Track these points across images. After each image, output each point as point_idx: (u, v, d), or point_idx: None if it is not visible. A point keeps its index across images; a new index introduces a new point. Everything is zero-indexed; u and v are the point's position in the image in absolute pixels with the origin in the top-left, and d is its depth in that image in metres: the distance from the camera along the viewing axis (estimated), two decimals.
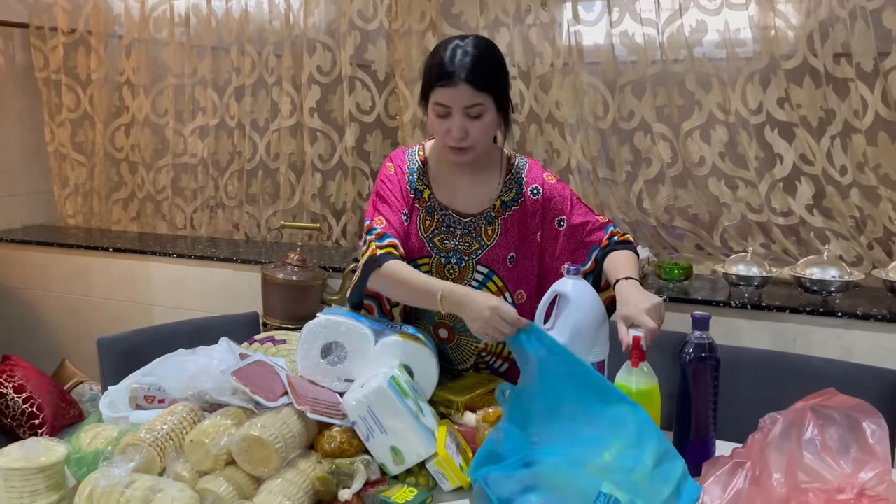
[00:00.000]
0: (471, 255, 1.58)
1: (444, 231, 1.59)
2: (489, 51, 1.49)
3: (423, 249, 1.58)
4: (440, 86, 1.45)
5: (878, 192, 2.30)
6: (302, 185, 3.03)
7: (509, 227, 1.58)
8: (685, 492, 1.19)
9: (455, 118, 1.47)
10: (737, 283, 2.26)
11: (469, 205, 1.59)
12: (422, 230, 1.59)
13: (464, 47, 1.46)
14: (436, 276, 1.59)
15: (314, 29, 2.89)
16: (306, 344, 1.44)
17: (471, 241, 1.58)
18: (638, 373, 1.36)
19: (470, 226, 1.58)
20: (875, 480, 1.12)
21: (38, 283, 3.18)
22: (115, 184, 3.36)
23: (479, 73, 1.45)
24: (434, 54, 1.50)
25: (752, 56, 2.38)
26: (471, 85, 1.44)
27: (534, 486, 1.18)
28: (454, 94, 1.45)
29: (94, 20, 3.19)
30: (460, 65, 1.44)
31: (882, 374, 1.64)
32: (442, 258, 1.58)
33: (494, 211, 1.58)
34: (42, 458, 1.19)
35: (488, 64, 1.48)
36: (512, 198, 1.59)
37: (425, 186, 1.60)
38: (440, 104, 1.47)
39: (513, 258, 1.59)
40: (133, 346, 1.88)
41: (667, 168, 2.53)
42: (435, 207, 1.59)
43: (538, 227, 1.59)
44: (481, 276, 1.58)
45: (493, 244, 1.58)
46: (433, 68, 1.48)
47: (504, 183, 1.60)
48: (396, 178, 1.60)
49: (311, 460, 1.24)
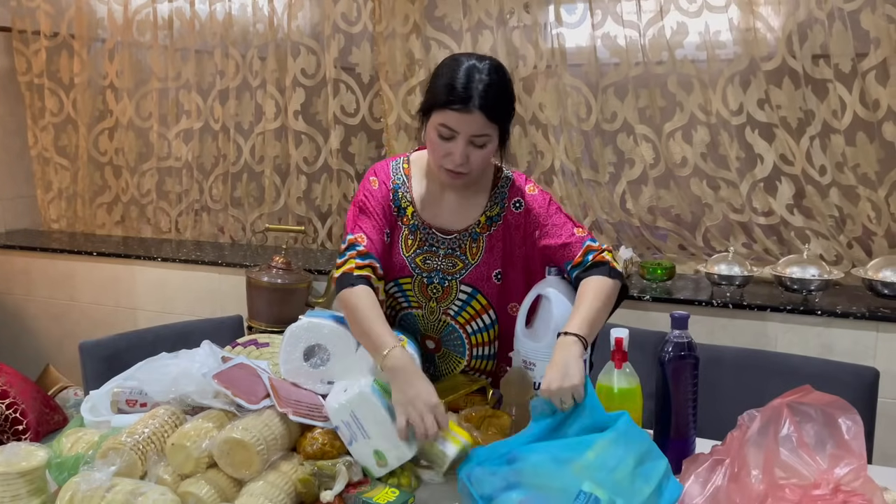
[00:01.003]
0: (454, 274, 1.56)
1: (426, 251, 1.56)
2: (505, 80, 1.44)
3: (405, 269, 1.56)
4: (452, 109, 1.38)
5: (856, 191, 2.33)
6: (287, 188, 3.03)
7: (494, 242, 1.55)
8: (666, 491, 1.20)
9: (459, 144, 1.41)
10: (719, 282, 2.28)
11: (454, 222, 1.56)
12: (403, 249, 1.56)
13: (481, 72, 1.39)
14: (418, 295, 1.57)
15: (298, 32, 2.89)
16: (289, 346, 1.44)
17: (454, 261, 1.55)
18: (620, 373, 1.38)
19: (454, 244, 1.55)
20: (851, 476, 1.13)
21: (22, 288, 3.16)
22: (98, 188, 3.34)
23: (494, 103, 1.40)
24: (446, 71, 1.43)
25: (733, 58, 2.40)
26: (484, 114, 1.38)
27: (516, 484, 1.19)
28: (465, 120, 1.39)
29: (77, 24, 3.18)
30: (476, 91, 1.38)
31: (859, 370, 1.66)
32: (424, 278, 1.56)
33: (479, 227, 1.55)
34: (23, 463, 1.19)
35: (503, 94, 1.43)
36: (497, 213, 1.56)
37: (409, 204, 1.56)
38: (447, 127, 1.41)
39: (499, 274, 1.56)
40: (116, 350, 1.87)
41: (649, 169, 2.55)
42: (417, 226, 1.55)
43: (522, 240, 1.56)
44: (465, 294, 1.57)
45: (477, 262, 1.55)
46: (445, 87, 1.40)
47: (490, 198, 1.56)
48: (380, 194, 1.55)
49: (293, 462, 1.24)
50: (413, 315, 1.61)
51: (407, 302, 1.60)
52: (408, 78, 2.77)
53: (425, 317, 1.60)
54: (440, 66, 1.46)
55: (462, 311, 1.58)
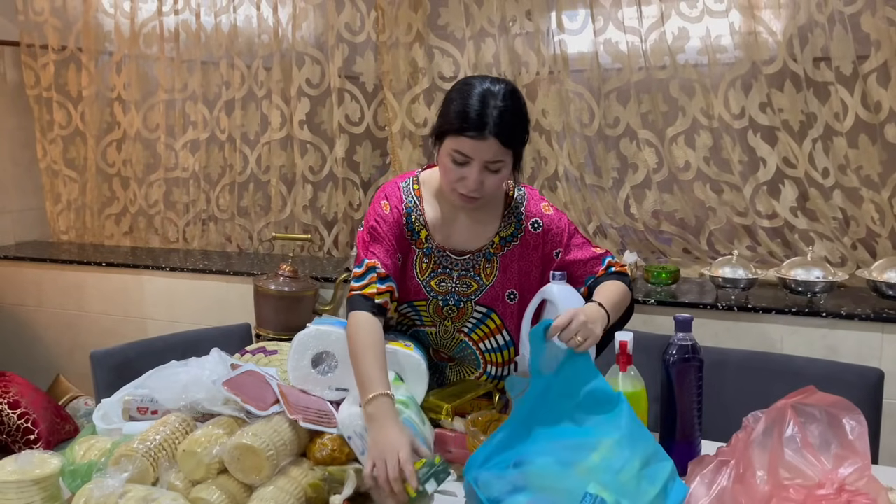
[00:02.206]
0: (469, 296, 1.56)
1: (440, 273, 1.55)
2: (520, 104, 1.42)
3: (420, 292, 1.56)
4: (467, 136, 1.37)
5: (860, 193, 2.34)
6: (293, 197, 3.05)
7: (508, 262, 1.55)
8: (672, 493, 1.21)
9: (474, 169, 1.40)
10: (723, 285, 2.29)
11: (467, 243, 1.55)
12: (418, 273, 1.55)
13: (496, 97, 1.38)
14: (433, 316, 1.58)
15: (303, 42, 2.92)
16: (297, 354, 1.46)
17: (469, 283, 1.55)
18: (625, 377, 1.39)
19: (468, 264, 1.55)
20: (855, 476, 1.14)
21: (32, 300, 3.19)
22: (107, 199, 3.37)
23: (508, 129, 1.38)
24: (459, 96, 1.41)
25: (734, 62, 2.42)
26: (499, 141, 1.37)
27: (523, 487, 1.20)
28: (480, 147, 1.38)
29: (85, 37, 3.22)
30: (491, 117, 1.36)
31: (863, 371, 1.67)
32: (439, 300, 1.56)
33: (493, 248, 1.55)
34: (37, 471, 1.21)
35: (518, 120, 1.41)
36: (511, 233, 1.55)
37: (422, 227, 1.54)
38: (461, 153, 1.39)
39: (513, 294, 1.57)
40: (126, 359, 1.89)
41: (653, 173, 2.57)
42: (432, 249, 1.54)
43: (540, 260, 1.56)
44: (479, 314, 1.58)
45: (491, 283, 1.55)
46: (459, 114, 1.38)
47: (503, 218, 1.55)
48: (393, 219, 1.52)
49: (303, 468, 1.26)
50: (426, 332, 1.62)
51: (420, 321, 1.61)
52: (411, 86, 2.79)
53: (438, 334, 1.62)
54: (453, 91, 1.44)
55: (476, 329, 1.60)
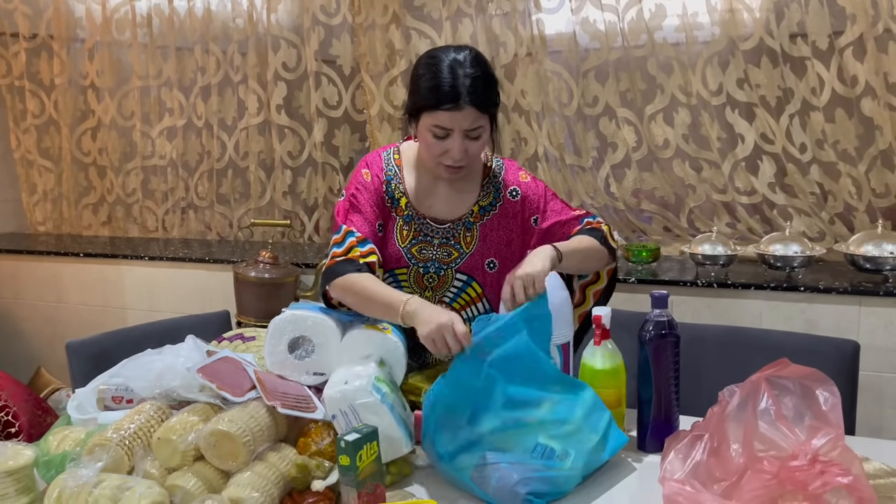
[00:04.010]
0: (449, 264, 1.57)
1: (421, 240, 1.57)
2: (487, 69, 1.45)
3: (401, 260, 1.57)
4: (444, 109, 1.40)
5: (837, 167, 2.35)
6: (272, 183, 3.03)
7: (488, 231, 1.57)
8: (611, 439, 1.31)
9: (455, 140, 1.43)
10: (703, 262, 2.30)
11: (447, 212, 1.57)
12: (399, 240, 1.57)
13: (464, 66, 1.40)
14: (414, 285, 1.58)
15: (278, 25, 2.88)
16: (273, 339, 1.45)
17: (449, 251, 1.57)
18: (602, 350, 1.40)
19: (448, 233, 1.57)
20: (828, 446, 1.15)
21: (10, 292, 3.16)
22: (83, 189, 3.33)
23: (482, 94, 1.41)
24: (428, 71, 1.43)
25: (711, 39, 2.41)
26: (476, 108, 1.40)
27: (478, 441, 1.25)
28: (458, 117, 1.40)
29: (56, 24, 3.16)
30: (464, 87, 1.39)
31: (839, 344, 1.68)
32: (420, 268, 1.57)
33: (473, 217, 1.57)
34: (10, 462, 1.19)
35: (490, 84, 1.44)
36: (490, 202, 1.58)
37: (402, 195, 1.57)
38: (440, 127, 1.42)
39: (492, 263, 1.58)
40: (103, 349, 1.88)
41: (632, 152, 2.56)
42: (412, 217, 1.57)
43: (520, 228, 1.58)
44: (460, 283, 1.58)
45: (471, 251, 1.57)
46: (432, 90, 1.41)
47: (482, 187, 1.58)
48: (373, 187, 1.55)
49: (282, 453, 1.25)
50: None
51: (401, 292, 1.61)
52: (389, 68, 2.77)
53: None
54: (419, 66, 1.46)
55: (457, 298, 1.60)
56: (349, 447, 1.12)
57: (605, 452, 1.30)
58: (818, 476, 1.09)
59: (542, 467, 1.22)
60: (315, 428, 1.29)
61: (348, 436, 1.13)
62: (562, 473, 1.23)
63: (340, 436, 1.14)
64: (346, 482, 1.14)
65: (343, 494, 1.15)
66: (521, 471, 1.20)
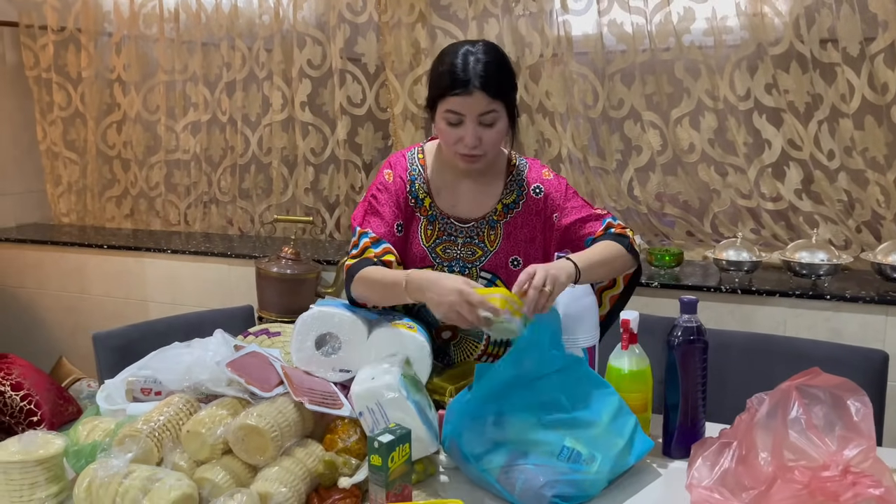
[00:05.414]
0: (474, 262, 1.57)
1: (445, 240, 1.57)
2: (500, 57, 1.47)
3: (426, 259, 1.57)
4: (454, 94, 1.42)
5: (865, 175, 2.33)
6: (294, 179, 3.04)
7: (512, 230, 1.57)
8: (636, 444, 1.30)
9: (468, 126, 1.45)
10: (727, 268, 2.28)
11: (471, 210, 1.58)
12: (423, 240, 1.57)
13: (475, 54, 1.43)
14: None
15: (304, 23, 2.90)
16: (300, 335, 1.45)
17: (473, 249, 1.57)
18: (629, 354, 1.39)
19: (472, 231, 1.57)
20: (860, 457, 1.14)
21: (34, 282, 3.19)
22: (107, 181, 3.36)
23: (493, 80, 1.43)
24: (442, 61, 1.47)
25: (740, 43, 2.39)
26: (485, 93, 1.42)
27: (503, 442, 1.25)
28: (469, 102, 1.42)
29: (84, 17, 3.19)
30: (474, 72, 1.41)
31: (868, 354, 1.66)
32: (445, 267, 1.57)
33: (496, 215, 1.57)
34: (40, 451, 1.21)
35: (501, 70, 1.46)
36: (513, 200, 1.58)
37: (426, 194, 1.57)
38: (453, 112, 1.44)
39: (516, 261, 1.58)
40: (129, 340, 1.89)
41: (657, 156, 2.55)
42: (436, 216, 1.57)
43: (542, 226, 1.58)
44: (484, 281, 1.58)
45: (495, 250, 1.57)
46: (444, 76, 1.44)
47: (506, 185, 1.59)
48: (394, 188, 1.56)
49: (308, 449, 1.25)
50: None
51: None
52: (414, 67, 2.77)
53: None
54: (436, 60, 1.51)
55: None
56: (382, 448, 1.12)
57: (631, 457, 1.30)
58: (850, 487, 1.08)
59: (568, 470, 1.22)
60: (342, 425, 1.29)
61: (382, 437, 1.13)
62: (588, 477, 1.23)
63: (373, 436, 1.14)
64: (376, 481, 1.14)
65: (371, 493, 1.15)
66: (548, 473, 1.20)
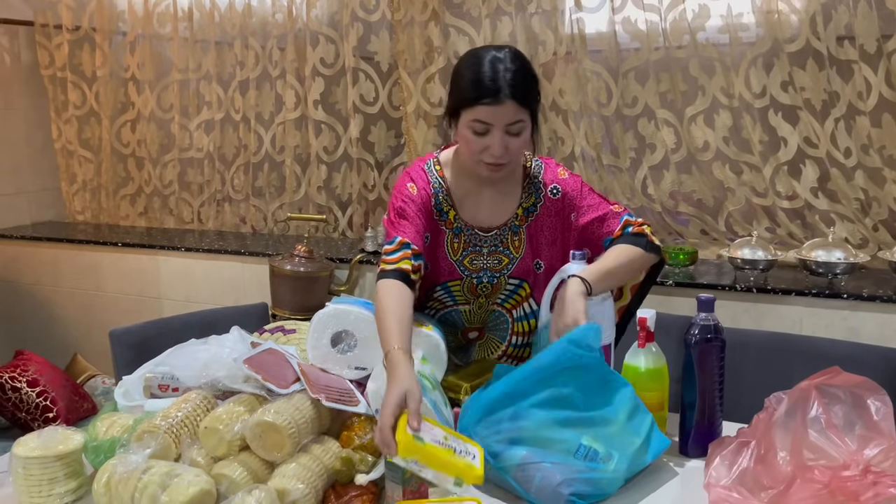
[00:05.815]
0: (501, 271, 1.56)
1: (471, 251, 1.56)
2: (527, 64, 1.44)
3: (454, 272, 1.56)
4: (484, 104, 1.38)
5: (882, 173, 2.30)
6: (307, 178, 3.04)
7: (534, 233, 1.56)
8: (653, 443, 1.30)
9: (496, 135, 1.41)
10: (742, 266, 2.27)
11: (493, 218, 1.56)
12: (450, 253, 1.55)
13: (504, 62, 1.40)
14: (467, 295, 1.58)
15: (317, 21, 2.90)
16: (316, 333, 1.45)
17: (499, 258, 1.56)
18: (646, 353, 1.39)
19: (496, 240, 1.56)
20: (880, 457, 1.13)
21: (49, 279, 3.21)
22: (122, 179, 3.38)
23: (522, 89, 1.40)
24: (469, 68, 1.43)
25: (755, 40, 2.37)
26: (516, 102, 1.39)
27: (519, 440, 1.25)
28: (499, 111, 1.39)
29: (98, 17, 3.21)
30: (504, 81, 1.38)
31: (887, 353, 1.65)
32: (473, 279, 1.56)
33: (518, 220, 1.56)
34: (60, 447, 1.22)
35: (529, 78, 1.43)
36: (532, 203, 1.56)
37: (450, 207, 1.55)
38: (481, 121, 1.40)
39: (539, 264, 1.57)
40: (145, 337, 1.90)
41: (671, 154, 2.54)
42: (461, 228, 1.55)
43: (561, 226, 1.56)
44: (512, 286, 1.58)
45: (521, 255, 1.56)
46: (471, 84, 1.40)
47: (524, 189, 1.56)
48: (420, 200, 1.51)
49: (325, 445, 1.26)
50: (458, 311, 1.61)
51: (454, 301, 1.60)
52: (427, 66, 2.77)
53: (472, 311, 1.61)
54: (460, 65, 1.46)
55: (509, 299, 1.61)
56: None
57: (648, 456, 1.30)
58: (870, 487, 1.08)
59: (585, 468, 1.21)
60: (358, 422, 1.30)
61: None
62: (605, 475, 1.22)
63: None
64: (392, 478, 1.14)
65: (387, 490, 1.15)
66: (565, 471, 1.20)
